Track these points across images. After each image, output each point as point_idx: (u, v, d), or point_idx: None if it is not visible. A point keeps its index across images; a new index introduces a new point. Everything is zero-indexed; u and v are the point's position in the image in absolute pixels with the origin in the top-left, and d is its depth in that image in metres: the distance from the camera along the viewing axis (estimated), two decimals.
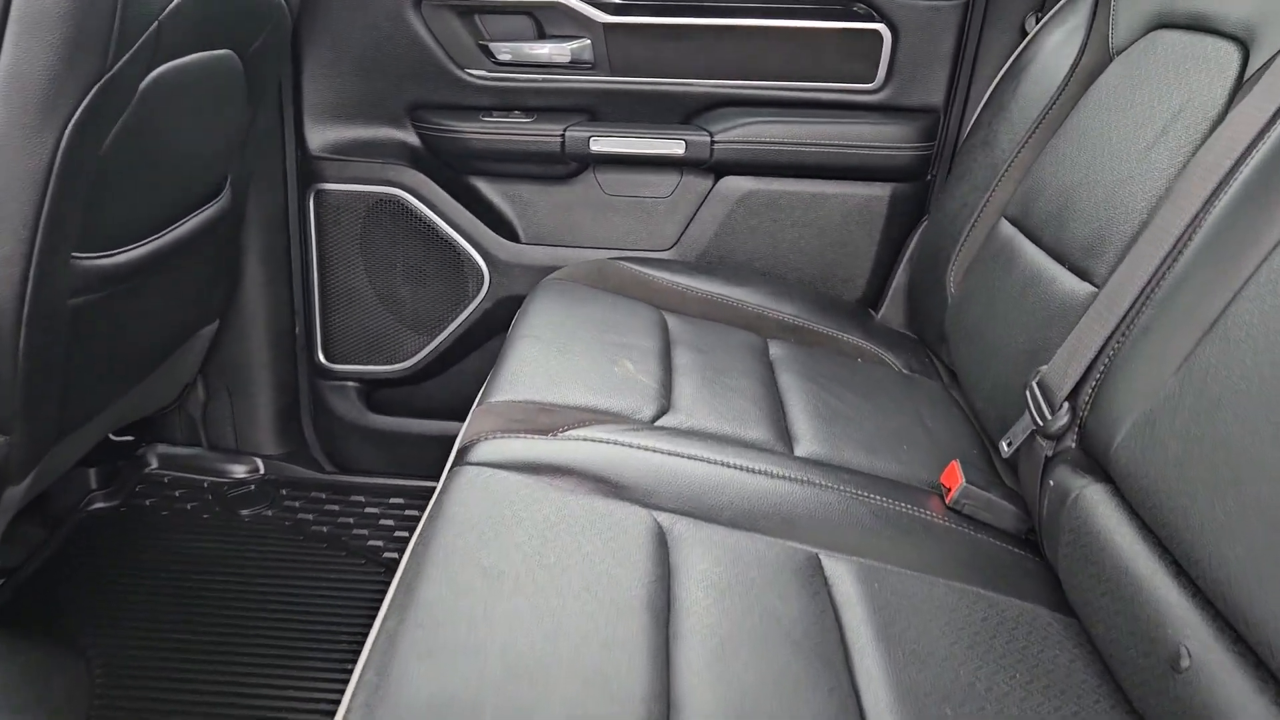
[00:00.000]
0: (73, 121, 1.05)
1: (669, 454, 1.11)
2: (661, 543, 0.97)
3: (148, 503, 1.78)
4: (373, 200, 1.77)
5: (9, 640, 1.36)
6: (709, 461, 1.11)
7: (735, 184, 1.75)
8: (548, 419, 1.16)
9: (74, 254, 1.16)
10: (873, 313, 1.77)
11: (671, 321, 1.52)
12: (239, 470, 1.87)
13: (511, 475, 1.03)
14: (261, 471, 1.88)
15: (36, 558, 1.61)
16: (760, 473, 1.11)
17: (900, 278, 1.75)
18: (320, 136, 1.75)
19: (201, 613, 1.52)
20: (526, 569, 0.88)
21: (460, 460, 1.09)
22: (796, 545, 1.00)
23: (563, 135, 1.71)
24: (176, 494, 1.80)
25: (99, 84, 1.05)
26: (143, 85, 1.16)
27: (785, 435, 1.26)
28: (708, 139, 1.71)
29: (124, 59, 1.07)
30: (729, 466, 1.11)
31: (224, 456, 1.88)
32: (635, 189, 1.78)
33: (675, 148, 1.72)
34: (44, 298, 1.12)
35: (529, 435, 1.11)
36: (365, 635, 1.49)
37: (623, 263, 1.67)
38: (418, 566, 0.88)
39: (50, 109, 1.03)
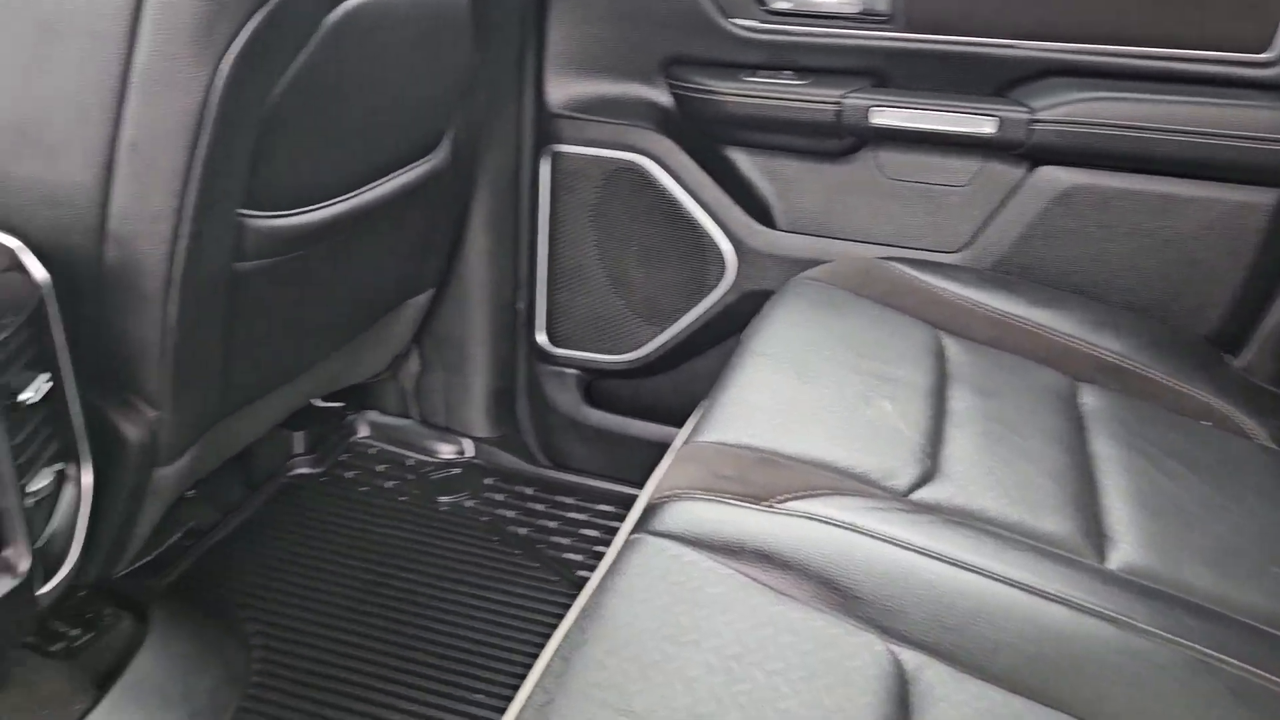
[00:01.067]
0: (231, 55, 0.88)
1: (927, 554, 0.80)
2: (900, 699, 0.67)
3: (350, 474, 1.66)
4: (612, 167, 1.54)
5: (168, 621, 1.26)
6: (983, 573, 0.79)
7: (1054, 176, 1.37)
8: (766, 477, 0.88)
9: (240, 211, 1.00)
10: (1229, 358, 1.33)
11: (951, 347, 1.19)
12: (446, 450, 1.72)
13: (704, 559, 0.76)
14: (469, 454, 1.72)
15: (230, 521, 1.53)
16: (1058, 599, 0.77)
17: (1275, 315, 1.31)
18: (562, 91, 1.54)
19: (378, 609, 1.38)
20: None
21: (644, 524, 0.83)
22: None
23: (839, 103, 1.40)
24: (379, 468, 1.68)
25: (262, 12, 0.87)
26: (328, 21, 0.97)
27: (1096, 532, 0.91)
28: (1026, 116, 1.34)
29: None
30: (1012, 585, 0.78)
31: (433, 433, 1.73)
32: (923, 174, 1.44)
33: (983, 125, 1.36)
34: (199, 260, 0.96)
35: (737, 501, 0.84)
36: (533, 657, 1.29)
37: (896, 264, 1.34)
38: (576, 645, 0.66)
39: (205, 40, 0.86)
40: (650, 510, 0.85)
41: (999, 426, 1.04)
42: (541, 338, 1.67)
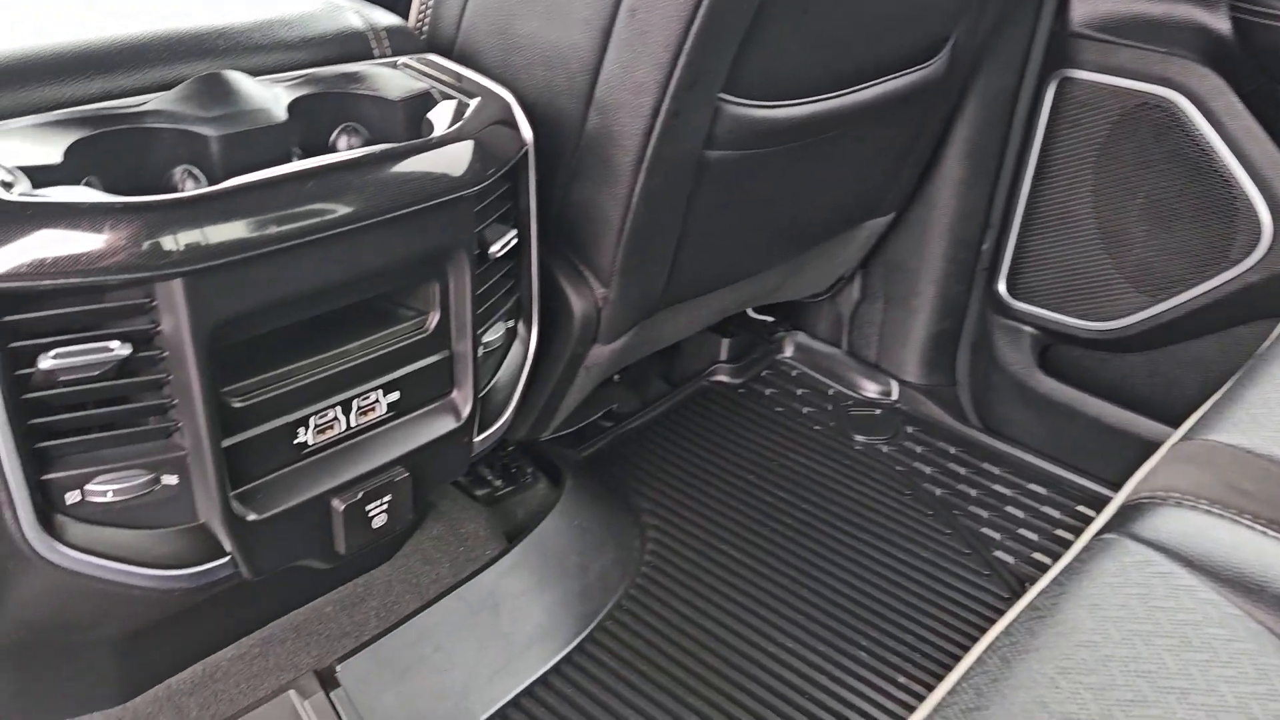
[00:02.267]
0: None
1: None
2: None
3: (768, 392, 1.61)
4: (1134, 102, 1.30)
5: (577, 491, 1.29)
6: None
7: None
8: None
9: (720, 95, 0.94)
10: None
11: None
12: (871, 388, 1.61)
13: (1205, 587, 0.59)
14: (894, 397, 1.60)
15: (647, 412, 1.54)
16: None
17: None
18: (1089, 6, 1.32)
19: (771, 533, 1.32)
20: None
21: (1123, 524, 0.67)
22: None
23: None
24: (798, 392, 1.61)
25: None
26: None
27: None
28: None
29: None
30: None
31: (861, 367, 1.63)
32: None
33: None
34: (672, 140, 0.92)
35: (1262, 527, 0.65)
36: (937, 629, 1.16)
37: None
38: (1022, 650, 0.55)
39: None
40: (1132, 509, 0.68)
41: None
42: (1001, 286, 1.49)
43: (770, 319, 1.70)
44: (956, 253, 1.49)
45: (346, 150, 0.82)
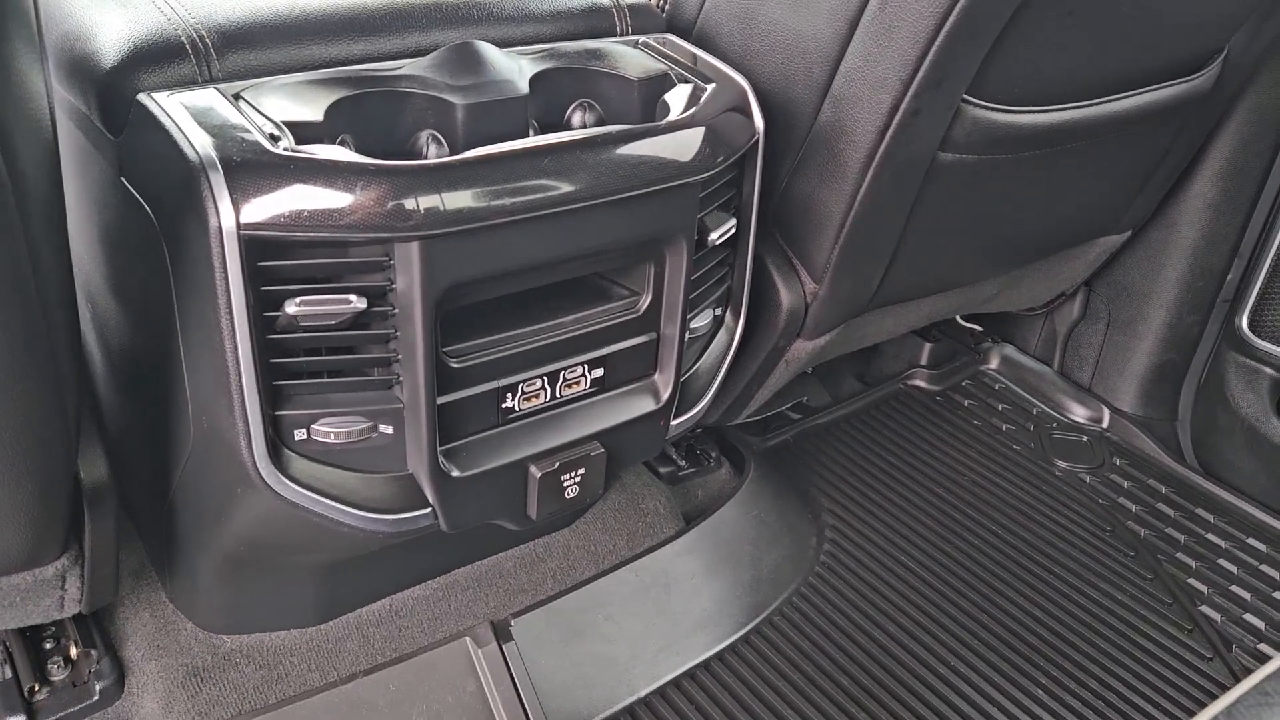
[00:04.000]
0: None
1: None
2: None
3: (966, 403, 1.55)
4: None
5: (769, 479, 1.28)
6: None
7: None
8: None
9: (964, 96, 0.90)
10: None
11: None
12: (1080, 413, 1.52)
13: None
14: (1104, 425, 1.50)
15: (837, 409, 1.51)
16: None
17: None
18: None
19: (955, 544, 1.28)
20: None
21: None
22: None
23: None
24: (1000, 407, 1.54)
25: None
26: None
27: None
28: None
29: None
30: None
31: (1071, 390, 1.54)
32: None
33: None
34: (908, 140, 0.89)
35: None
36: (1126, 679, 1.09)
37: None
38: None
39: None
40: None
41: None
42: (1242, 321, 1.37)
43: (978, 328, 1.62)
44: (1195, 280, 1.38)
45: (581, 127, 0.83)
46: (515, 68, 0.80)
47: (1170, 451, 1.45)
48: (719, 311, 0.94)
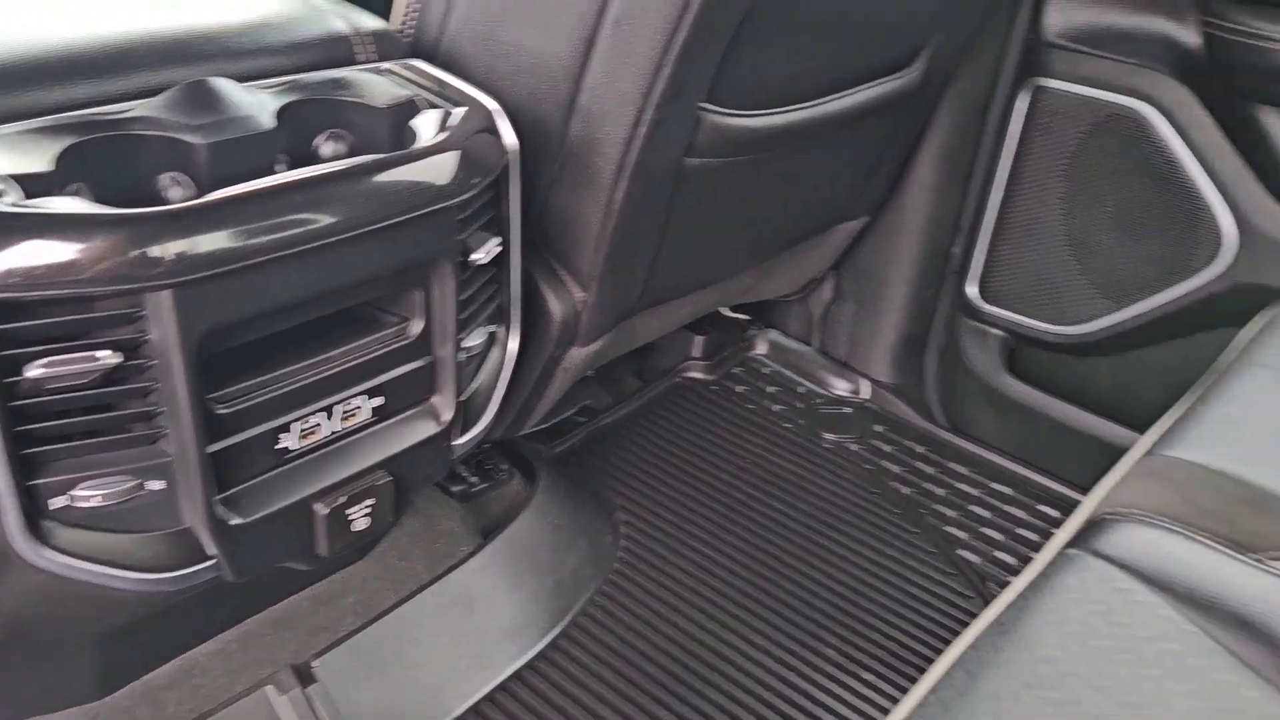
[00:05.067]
0: None
1: None
2: None
3: (739, 389, 1.63)
4: (1105, 112, 1.33)
5: (551, 486, 1.31)
6: None
7: None
8: (1258, 523, 0.70)
9: (701, 105, 0.96)
10: None
11: None
12: (841, 386, 1.64)
13: (1164, 605, 0.62)
14: (864, 396, 1.63)
15: (621, 408, 1.56)
16: None
17: None
18: (1063, 17, 1.34)
19: (741, 530, 1.35)
20: None
21: (1086, 540, 0.70)
22: None
23: None
24: (770, 389, 1.64)
25: None
26: None
27: None
28: None
29: None
30: None
31: (831, 366, 1.66)
32: None
33: None
34: (653, 149, 0.93)
35: (1216, 544, 0.68)
36: (900, 647, 1.19)
37: None
38: (987, 664, 0.57)
39: None
40: (1097, 525, 0.71)
41: None
42: (971, 290, 1.52)
43: (744, 317, 1.72)
44: (927, 257, 1.52)
45: (332, 157, 0.83)
46: (257, 102, 0.78)
47: (922, 414, 1.59)
48: (493, 328, 0.96)
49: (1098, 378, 1.47)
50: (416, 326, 0.85)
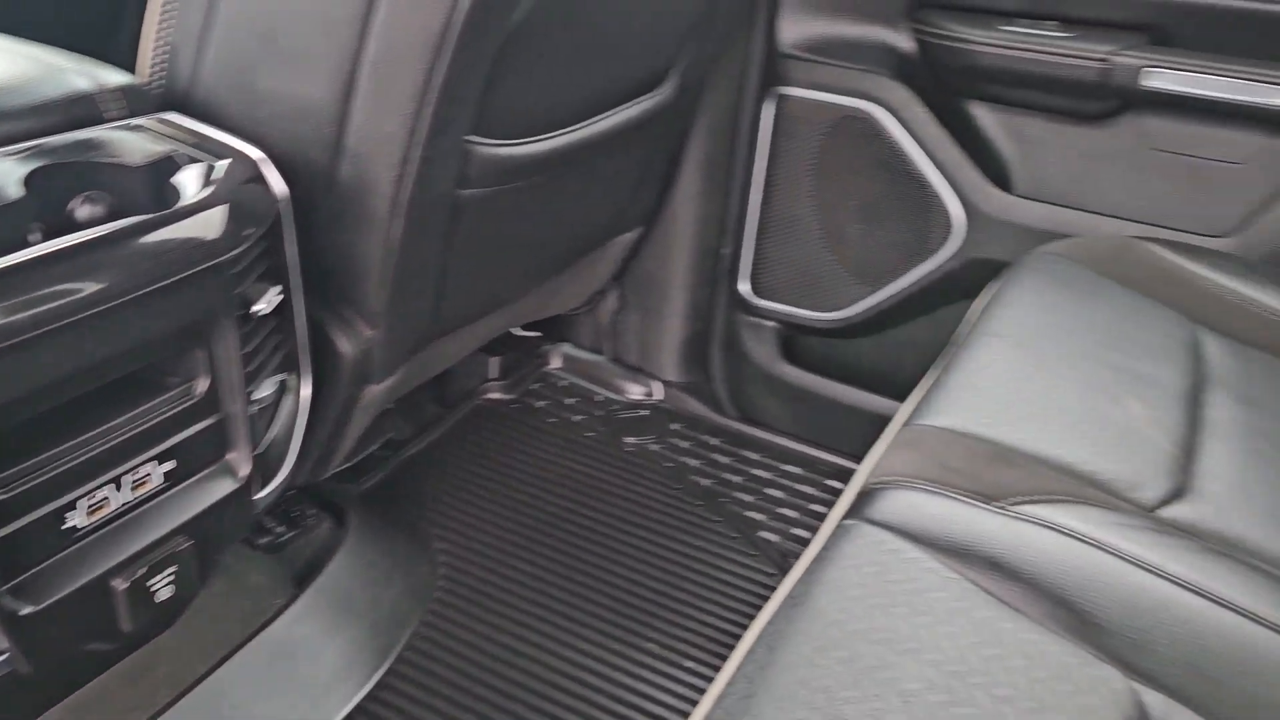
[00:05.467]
0: None
1: (1182, 584, 0.71)
2: None
3: (539, 404, 1.67)
4: (840, 114, 1.45)
5: (363, 525, 1.30)
6: (1248, 615, 0.69)
7: None
8: (999, 474, 0.80)
9: (468, 138, 0.99)
10: None
11: (1210, 346, 1.06)
12: (635, 390, 1.71)
13: (928, 558, 0.70)
14: (658, 397, 1.70)
15: (424, 437, 1.56)
16: None
17: None
18: (795, 30, 1.46)
19: (558, 542, 1.38)
20: None
21: (859, 510, 0.77)
22: None
23: (1107, 60, 1.26)
24: (569, 401, 1.68)
25: None
26: None
27: None
28: None
29: None
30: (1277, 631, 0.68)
31: (624, 372, 1.72)
32: (1195, 145, 1.29)
33: (1274, 97, 1.20)
34: (425, 184, 0.95)
35: (967, 498, 0.77)
36: (716, 630, 1.26)
37: (1153, 245, 1.21)
38: (782, 636, 0.63)
39: None
40: (867, 495, 0.79)
41: (1264, 442, 0.92)
42: (744, 287, 1.62)
43: (536, 334, 1.75)
44: (700, 260, 1.60)
45: (89, 221, 0.80)
46: (1, 172, 0.75)
47: (713, 408, 1.67)
48: (283, 376, 0.95)
49: (863, 356, 1.60)
50: (202, 385, 0.84)
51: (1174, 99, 1.25)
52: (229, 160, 0.85)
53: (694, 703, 1.18)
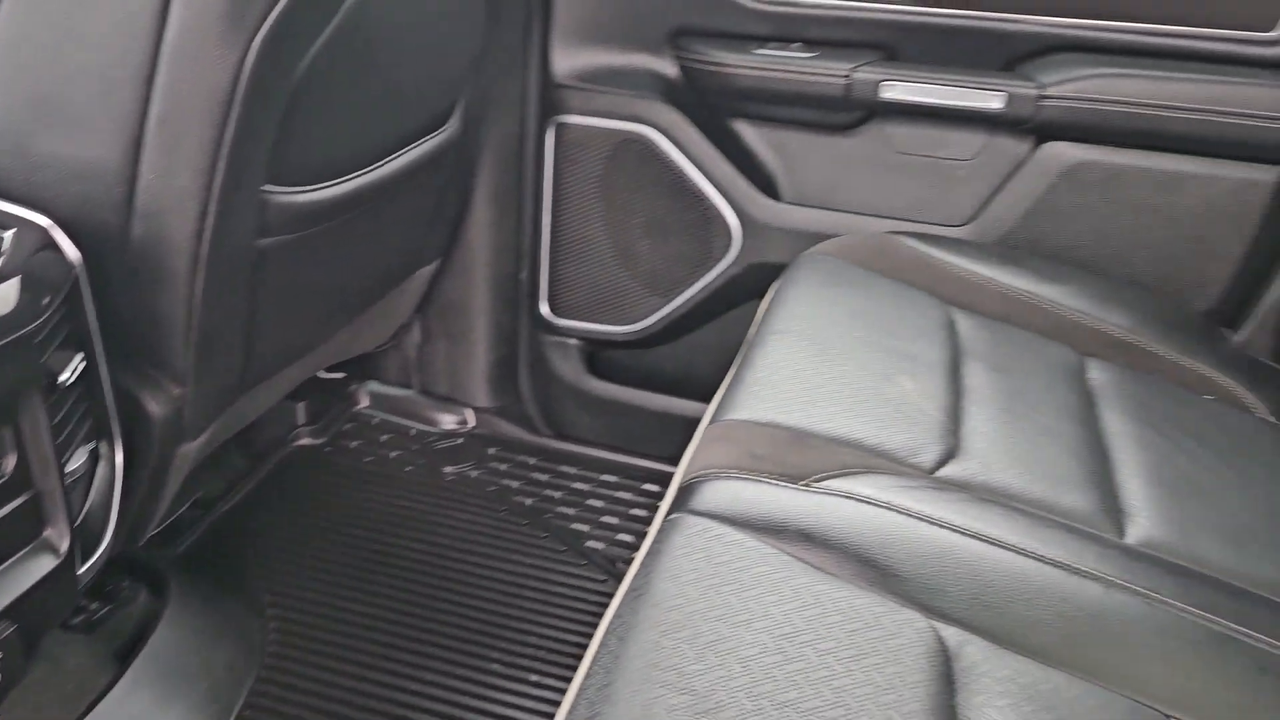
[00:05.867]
0: (262, 33, 0.86)
1: (961, 532, 0.82)
2: (945, 677, 0.69)
3: (353, 444, 1.66)
4: (619, 138, 1.54)
5: (185, 590, 1.26)
6: (1017, 550, 0.81)
7: (1061, 152, 1.39)
8: (800, 456, 0.89)
9: (264, 188, 0.99)
10: (1229, 333, 1.37)
11: (962, 323, 1.21)
12: (448, 420, 1.73)
13: (747, 540, 0.78)
14: (471, 424, 1.73)
15: (237, 491, 1.53)
16: (1090, 575, 0.80)
17: (1274, 291, 1.34)
18: (568, 61, 1.53)
19: (389, 579, 1.39)
20: (753, 705, 0.63)
21: (682, 503, 0.84)
22: (1142, 702, 0.70)
23: (849, 76, 1.41)
24: (383, 439, 1.68)
25: None
26: None
27: (1114, 508, 0.93)
28: (1034, 92, 1.35)
29: None
30: (1046, 562, 0.81)
31: (435, 403, 1.74)
32: (930, 147, 1.45)
33: (990, 101, 1.37)
34: (225, 238, 0.95)
35: (775, 481, 0.85)
36: (555, 640, 1.31)
37: (906, 238, 1.36)
38: (629, 627, 0.69)
39: (238, 16, 0.85)
40: (687, 489, 0.86)
41: (1015, 402, 1.06)
42: (544, 308, 1.67)
43: (341, 375, 1.74)
44: (500, 286, 1.65)
45: None
46: None
47: (527, 428, 1.72)
48: (94, 444, 0.93)
49: (664, 364, 1.69)
50: (10, 463, 0.81)
51: (908, 107, 1.41)
52: (14, 230, 0.83)
53: (544, 715, 1.22)
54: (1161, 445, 1.03)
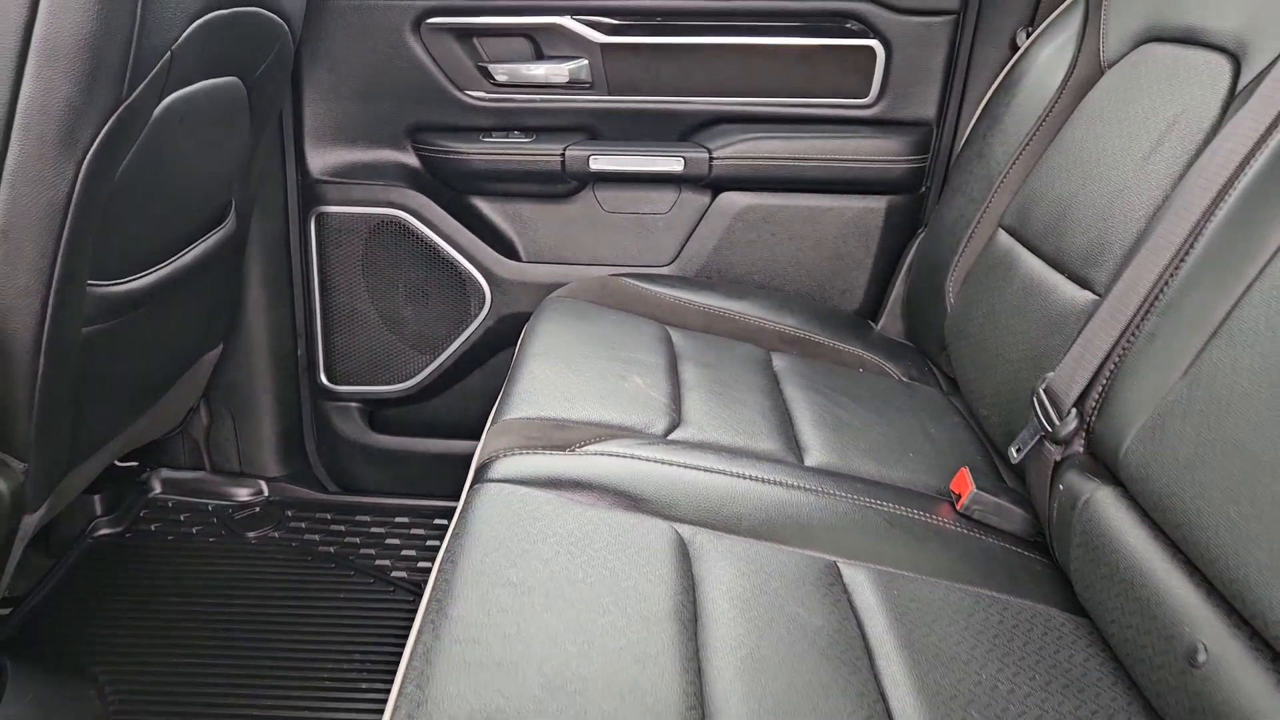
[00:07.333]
0: (91, 151, 1.06)
1: (685, 467, 1.13)
2: (684, 555, 0.98)
3: (153, 528, 1.78)
4: (374, 222, 1.78)
5: (20, 672, 1.35)
6: (725, 474, 1.13)
7: (733, 199, 1.78)
8: (564, 435, 1.17)
9: (89, 283, 1.17)
10: (871, 324, 1.79)
11: (676, 336, 1.54)
12: (243, 493, 1.88)
13: (533, 491, 1.04)
14: (265, 494, 1.88)
15: (43, 586, 1.61)
16: (775, 483, 1.13)
17: (898, 289, 1.77)
18: (321, 160, 1.77)
19: (214, 636, 1.53)
20: (555, 585, 0.90)
21: (480, 478, 1.10)
22: (815, 554, 1.02)
23: (563, 154, 1.73)
24: (181, 518, 1.80)
25: (117, 113, 1.06)
26: (155, 113, 1.17)
27: (795, 446, 1.28)
28: (706, 155, 1.74)
29: (140, 88, 1.09)
30: (744, 478, 1.13)
31: (227, 480, 1.88)
32: (635, 205, 1.80)
33: (674, 164, 1.74)
34: (61, 327, 1.12)
35: (547, 451, 1.13)
36: (378, 652, 1.50)
37: (625, 279, 1.69)
38: (448, 584, 0.90)
39: (70, 140, 1.04)
40: (482, 468, 1.12)
41: (720, 386, 1.39)
42: (323, 378, 1.87)
43: (133, 464, 1.85)
44: (279, 362, 1.84)
45: None
46: None
47: (319, 489, 1.90)
48: None
49: (439, 412, 1.93)
50: None
51: (614, 174, 1.76)
52: None
53: (378, 710, 1.42)
54: (826, 404, 1.40)
